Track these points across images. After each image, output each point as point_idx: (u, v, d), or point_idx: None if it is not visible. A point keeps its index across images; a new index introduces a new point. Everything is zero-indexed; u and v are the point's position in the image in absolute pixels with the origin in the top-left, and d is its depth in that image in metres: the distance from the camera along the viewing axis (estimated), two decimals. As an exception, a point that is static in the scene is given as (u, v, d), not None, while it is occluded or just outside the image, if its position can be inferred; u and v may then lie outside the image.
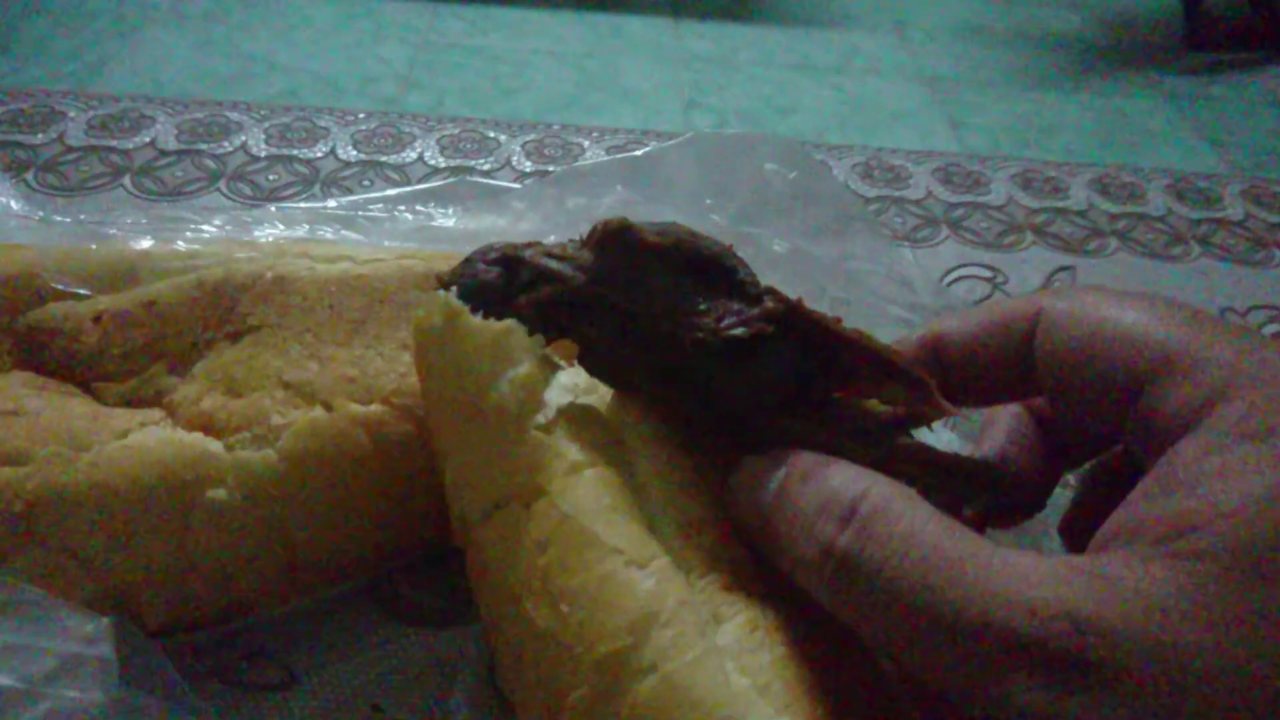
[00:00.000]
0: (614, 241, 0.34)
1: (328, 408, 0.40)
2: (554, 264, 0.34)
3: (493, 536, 0.34)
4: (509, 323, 0.34)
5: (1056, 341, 0.31)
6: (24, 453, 0.37)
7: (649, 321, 0.33)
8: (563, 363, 0.35)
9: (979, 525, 0.37)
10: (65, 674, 0.30)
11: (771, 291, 0.33)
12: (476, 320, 0.34)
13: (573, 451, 0.33)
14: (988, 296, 0.67)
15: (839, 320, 0.33)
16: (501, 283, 0.35)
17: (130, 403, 0.41)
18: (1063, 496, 0.39)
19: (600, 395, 0.35)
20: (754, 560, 0.32)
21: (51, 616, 0.31)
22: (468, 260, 0.36)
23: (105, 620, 0.32)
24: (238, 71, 0.83)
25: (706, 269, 0.34)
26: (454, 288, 0.35)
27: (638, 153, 0.51)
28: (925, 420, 0.34)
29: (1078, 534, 0.37)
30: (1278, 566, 0.24)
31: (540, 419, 0.33)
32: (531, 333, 0.34)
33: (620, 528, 0.32)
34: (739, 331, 0.32)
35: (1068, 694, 0.23)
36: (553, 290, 0.34)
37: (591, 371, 0.34)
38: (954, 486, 0.36)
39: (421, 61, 0.88)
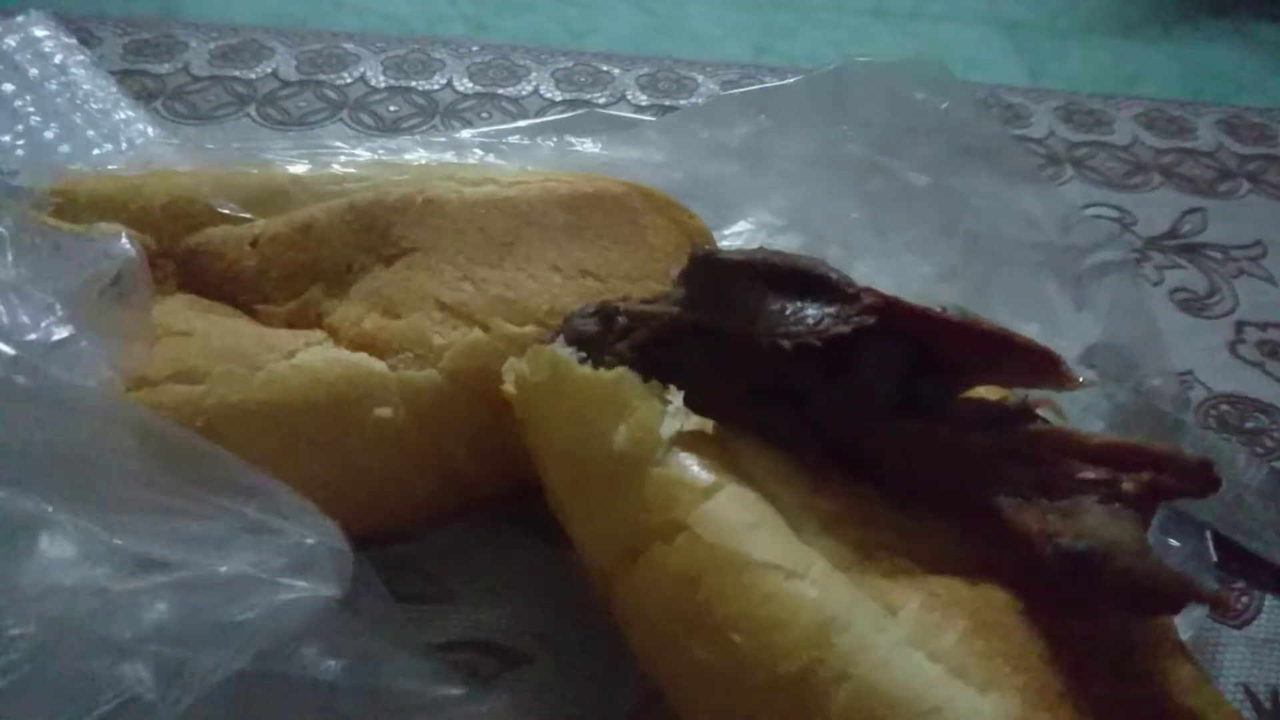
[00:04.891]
0: (700, 269, 0.34)
1: (485, 329, 0.40)
2: (648, 306, 0.35)
3: (639, 584, 0.33)
4: (620, 371, 0.34)
5: None
6: (200, 371, 0.38)
7: (746, 341, 0.33)
8: (671, 398, 0.35)
9: (1144, 503, 0.33)
10: (300, 567, 0.31)
11: (869, 290, 0.33)
12: (585, 371, 0.34)
13: (700, 478, 0.33)
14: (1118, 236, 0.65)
15: (943, 310, 0.33)
16: (600, 333, 0.36)
17: (292, 324, 0.42)
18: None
19: (707, 421, 0.35)
20: (907, 541, 0.32)
21: (295, 506, 0.32)
22: (566, 319, 0.37)
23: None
24: (308, 12, 0.83)
25: (798, 280, 0.34)
26: (557, 341, 0.36)
27: (783, 82, 0.50)
28: (1059, 387, 0.33)
29: None
30: None
31: (659, 455, 0.33)
32: (645, 378, 0.34)
33: (768, 542, 0.31)
34: (841, 328, 0.32)
35: None
36: (650, 329, 0.35)
37: (696, 409, 0.34)
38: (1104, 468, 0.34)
39: (489, 4, 0.87)
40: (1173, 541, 0.44)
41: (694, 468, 0.33)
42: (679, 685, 0.34)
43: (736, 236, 0.55)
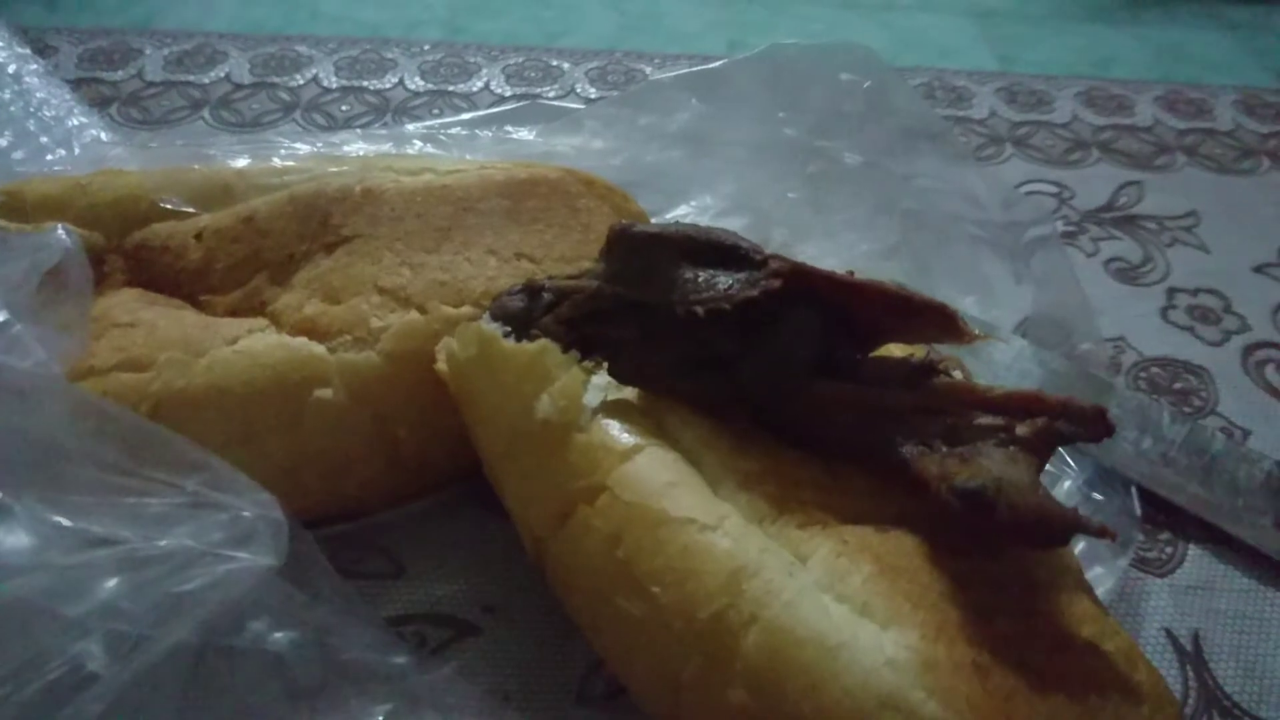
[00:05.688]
0: (619, 242, 0.36)
1: (422, 311, 0.42)
2: (571, 282, 0.37)
3: (568, 547, 0.35)
4: (543, 342, 0.36)
5: None
6: (145, 359, 0.39)
7: (666, 310, 0.35)
8: (595, 369, 0.37)
9: (1040, 447, 0.34)
10: (239, 539, 0.32)
11: (776, 256, 0.35)
12: (510, 345, 0.36)
13: (621, 441, 0.34)
14: (1055, 211, 0.67)
15: (851, 273, 0.34)
16: (526, 309, 0.37)
17: (236, 313, 0.43)
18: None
19: (634, 390, 0.37)
20: (824, 495, 0.33)
21: (233, 481, 0.33)
22: (495, 297, 0.38)
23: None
24: (283, 21, 0.84)
25: (711, 250, 0.35)
26: (484, 317, 0.37)
27: (712, 65, 0.52)
28: (958, 341, 0.34)
29: None
30: None
31: (583, 422, 0.35)
32: (565, 349, 0.36)
33: (684, 498, 0.33)
34: (749, 292, 0.34)
35: None
36: (574, 303, 0.36)
37: (621, 379, 0.36)
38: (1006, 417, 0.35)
39: (464, 7, 0.88)
40: (1099, 496, 0.46)
41: (616, 432, 0.34)
42: (611, 645, 0.36)
43: (680, 220, 0.57)
